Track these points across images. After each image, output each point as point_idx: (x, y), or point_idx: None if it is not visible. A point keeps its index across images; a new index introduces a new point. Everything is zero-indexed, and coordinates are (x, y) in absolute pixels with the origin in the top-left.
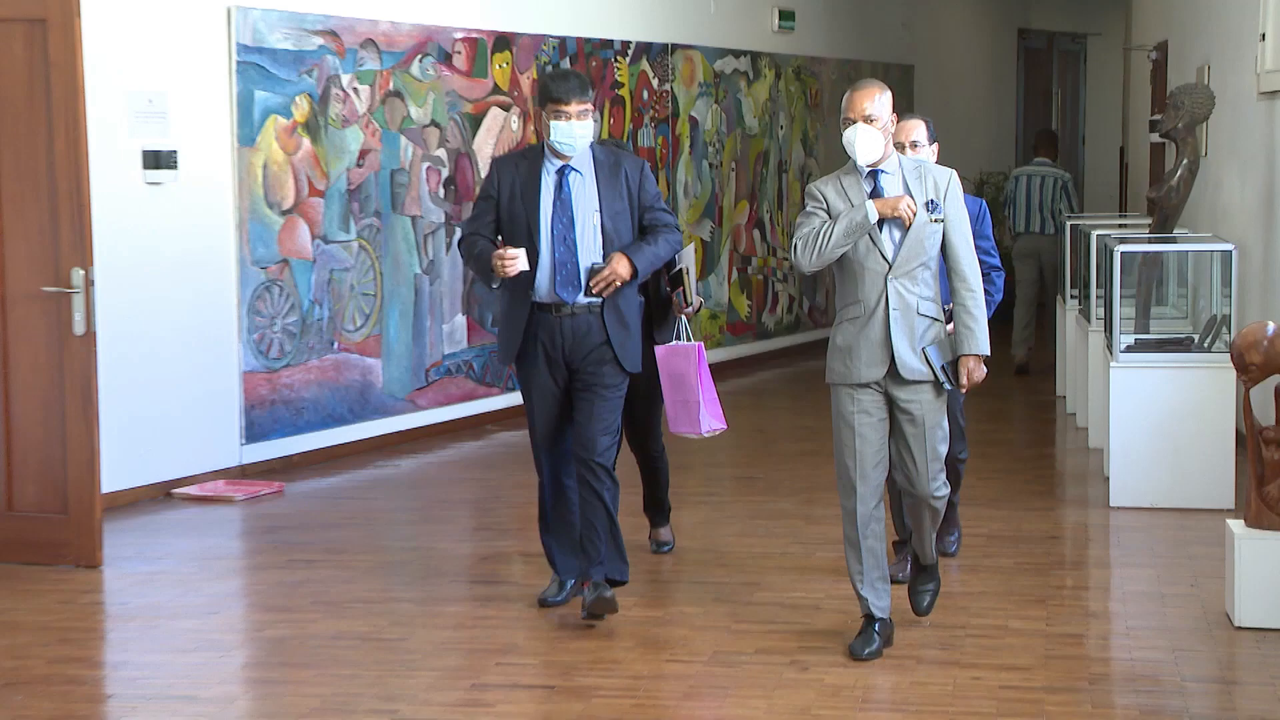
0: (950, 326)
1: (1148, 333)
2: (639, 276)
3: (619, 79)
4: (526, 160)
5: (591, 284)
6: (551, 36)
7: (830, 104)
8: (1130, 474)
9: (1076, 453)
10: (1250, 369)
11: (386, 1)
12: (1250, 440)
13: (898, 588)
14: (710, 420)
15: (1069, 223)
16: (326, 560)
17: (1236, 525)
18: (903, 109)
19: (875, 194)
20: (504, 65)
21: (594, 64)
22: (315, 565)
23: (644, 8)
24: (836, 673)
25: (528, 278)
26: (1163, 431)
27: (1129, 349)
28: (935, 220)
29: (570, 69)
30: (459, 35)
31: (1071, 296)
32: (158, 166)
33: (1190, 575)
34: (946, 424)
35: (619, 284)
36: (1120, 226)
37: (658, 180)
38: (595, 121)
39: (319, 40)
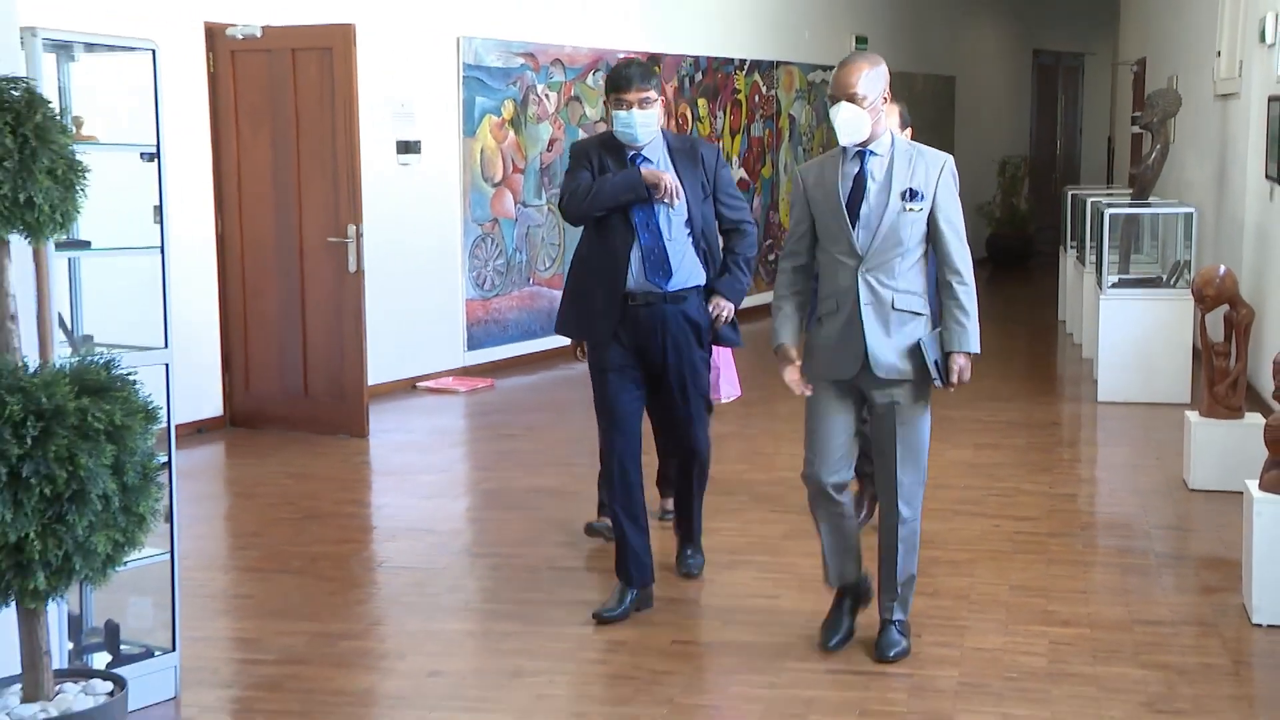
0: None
1: (1128, 274)
2: (737, 308)
3: (737, 86)
4: (600, 148)
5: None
6: (689, 55)
7: (909, 103)
8: (1113, 377)
9: (1073, 362)
10: (1206, 300)
11: (569, 31)
12: (1205, 353)
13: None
14: (727, 387)
15: (1069, 192)
16: (525, 435)
17: (1192, 415)
18: (946, 109)
19: (860, 175)
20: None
21: (719, 76)
22: (517, 439)
23: (757, 33)
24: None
25: (617, 264)
26: (1138, 347)
27: (1114, 286)
28: (911, 209)
29: (635, 59)
30: (621, 55)
31: (1071, 247)
32: (407, 152)
33: (1156, 451)
34: (926, 431)
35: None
36: (1108, 195)
37: (764, 161)
38: (661, 109)
39: (521, 60)
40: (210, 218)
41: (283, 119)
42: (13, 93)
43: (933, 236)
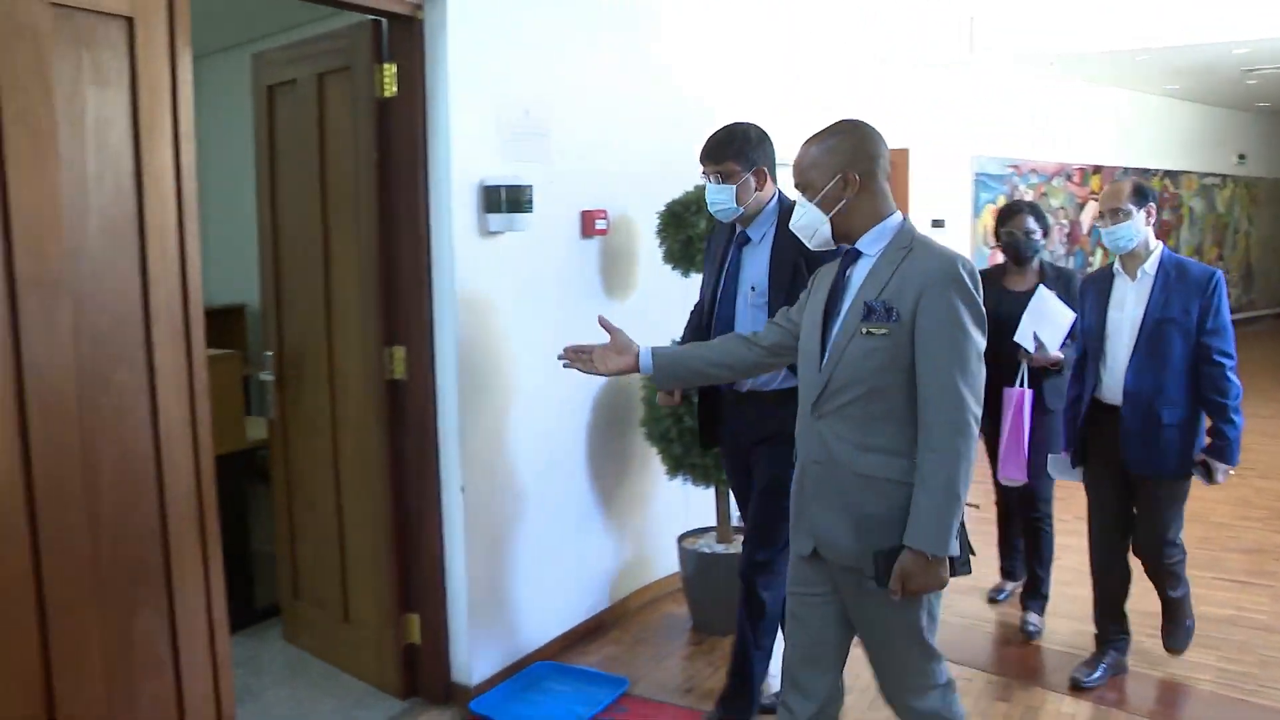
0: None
1: None
2: None
3: (1152, 187)
4: (725, 226)
5: None
6: (1118, 166)
7: (1266, 199)
8: None
9: None
10: None
11: (1041, 149)
12: None
13: None
14: (1006, 467)
15: None
16: None
17: None
18: None
19: (838, 283)
20: (1095, 180)
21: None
22: None
23: (1169, 150)
24: None
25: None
26: None
27: None
28: (871, 331)
29: (729, 128)
30: (1075, 166)
31: None
32: (936, 226)
33: None
34: (923, 627)
35: None
36: None
37: (1169, 238)
38: (746, 187)
39: (1010, 169)
40: None
41: None
42: None
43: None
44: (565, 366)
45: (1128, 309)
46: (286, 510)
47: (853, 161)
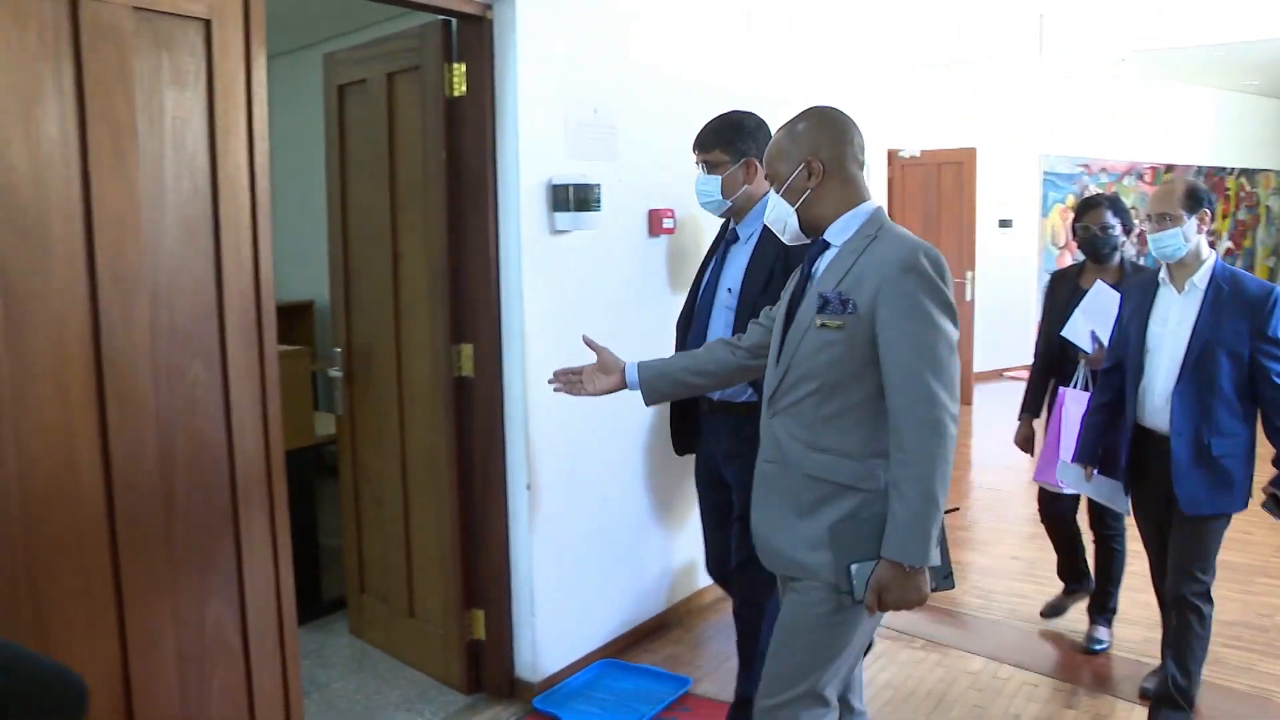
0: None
1: None
2: None
3: (1228, 186)
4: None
5: None
6: (1191, 164)
7: None
8: None
9: None
10: None
11: (1112, 147)
12: None
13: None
14: (1041, 467)
15: None
16: None
17: None
18: None
19: (803, 278)
20: (1169, 178)
21: (1214, 180)
22: None
23: (1246, 148)
24: None
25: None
26: None
27: None
28: (826, 325)
29: (724, 115)
30: (1147, 164)
31: None
32: (1004, 226)
33: None
34: (825, 659)
35: None
36: None
37: (1246, 236)
38: (733, 179)
39: (1079, 169)
40: None
41: (930, 205)
42: None
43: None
44: (555, 390)
45: (1171, 325)
46: (354, 505)
47: (816, 149)
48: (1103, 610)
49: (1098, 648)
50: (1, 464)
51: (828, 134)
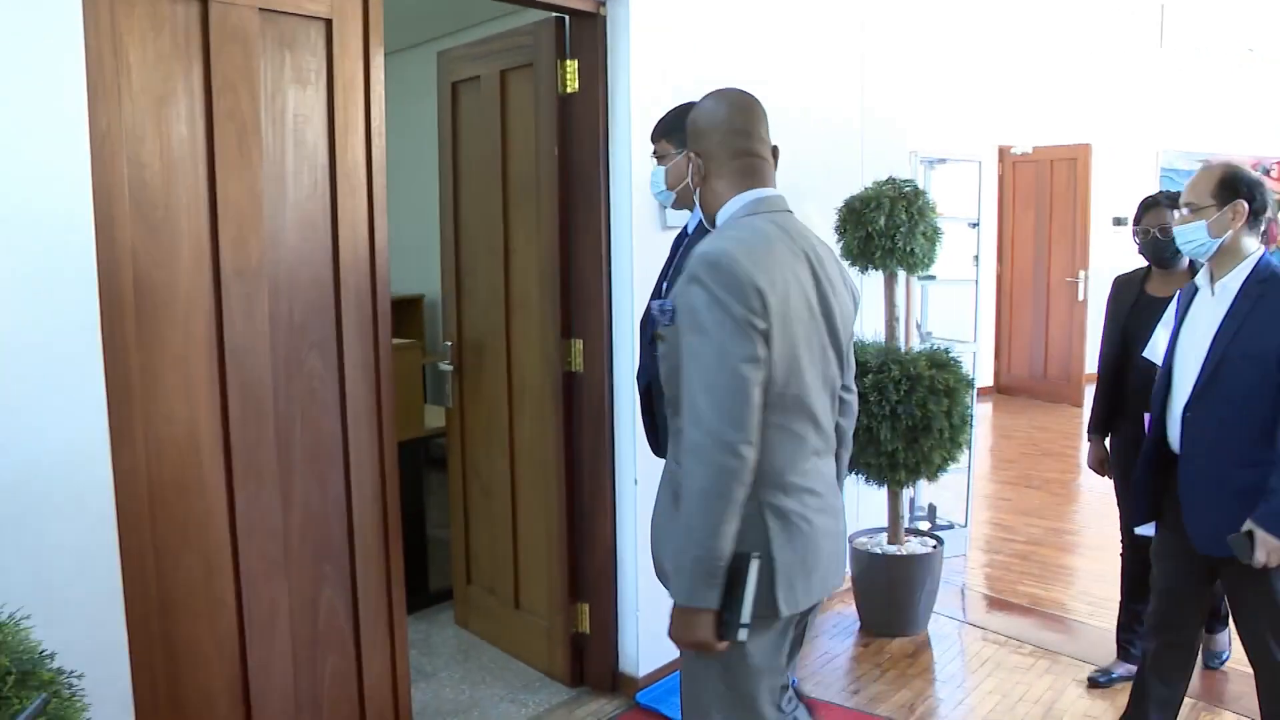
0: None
1: None
2: None
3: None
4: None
5: None
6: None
7: None
8: None
9: None
10: None
11: (1234, 142)
12: None
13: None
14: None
15: None
16: None
17: None
18: None
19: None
20: (1208, 163)
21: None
22: None
23: None
24: None
25: None
26: None
27: None
28: (660, 335)
29: (676, 108)
30: (1273, 160)
31: None
32: (1117, 225)
33: None
34: (708, 692)
35: None
36: None
37: None
38: (678, 170)
39: (1199, 164)
40: (993, 263)
41: (1042, 202)
42: (905, 188)
43: None
44: None
45: (1198, 333)
46: (462, 497)
47: (694, 139)
48: (1223, 620)
49: (1216, 663)
50: (132, 450)
51: (700, 122)
